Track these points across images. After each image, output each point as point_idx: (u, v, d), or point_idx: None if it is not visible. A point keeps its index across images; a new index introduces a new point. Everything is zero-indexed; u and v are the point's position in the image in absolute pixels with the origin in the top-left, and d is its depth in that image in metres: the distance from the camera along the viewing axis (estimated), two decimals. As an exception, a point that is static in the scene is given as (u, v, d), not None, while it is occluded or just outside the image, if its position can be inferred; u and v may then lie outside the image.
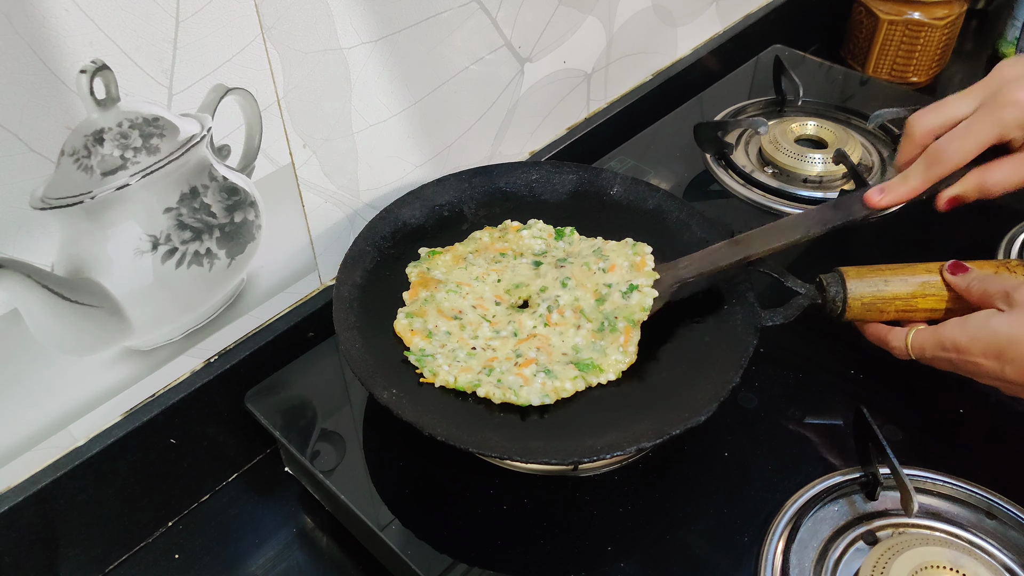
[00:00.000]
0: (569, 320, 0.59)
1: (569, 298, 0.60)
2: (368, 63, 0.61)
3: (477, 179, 0.71)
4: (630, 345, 0.57)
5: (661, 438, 0.50)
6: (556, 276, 0.62)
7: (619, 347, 0.57)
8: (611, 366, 0.56)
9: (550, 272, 0.62)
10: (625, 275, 0.61)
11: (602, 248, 0.63)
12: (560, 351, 0.57)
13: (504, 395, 0.54)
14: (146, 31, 0.47)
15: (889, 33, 1.03)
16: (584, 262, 0.62)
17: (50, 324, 0.50)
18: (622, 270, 0.61)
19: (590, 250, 0.64)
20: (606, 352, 0.57)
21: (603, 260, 0.62)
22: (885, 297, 0.58)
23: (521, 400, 0.54)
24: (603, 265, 0.62)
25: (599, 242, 0.65)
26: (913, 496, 0.50)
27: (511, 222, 0.68)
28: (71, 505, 0.56)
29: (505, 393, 0.54)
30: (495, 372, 0.55)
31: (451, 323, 0.59)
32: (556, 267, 0.63)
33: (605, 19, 0.82)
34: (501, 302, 0.62)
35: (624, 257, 0.62)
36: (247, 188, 0.58)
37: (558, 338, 0.58)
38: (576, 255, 0.64)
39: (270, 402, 0.61)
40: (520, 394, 0.54)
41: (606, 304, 0.59)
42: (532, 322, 0.59)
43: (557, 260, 0.63)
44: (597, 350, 0.57)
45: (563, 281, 0.61)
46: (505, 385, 0.54)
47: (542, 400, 0.54)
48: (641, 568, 0.51)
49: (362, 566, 0.60)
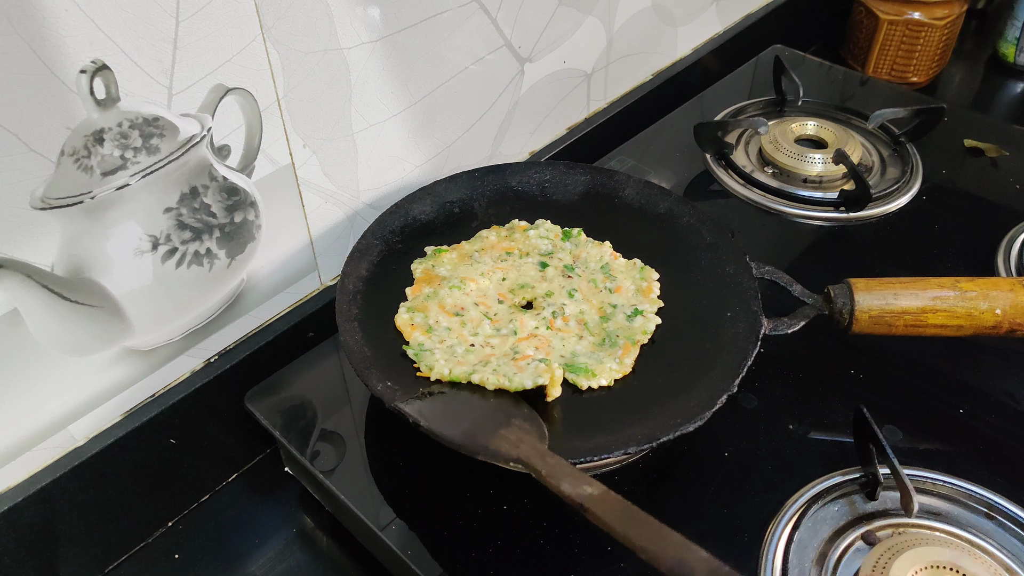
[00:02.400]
0: (572, 329, 0.59)
1: (575, 309, 0.61)
2: (368, 63, 0.61)
3: (489, 177, 0.71)
4: (627, 358, 0.57)
5: (651, 443, 0.50)
6: (563, 285, 0.62)
7: (616, 359, 0.57)
8: (605, 373, 0.56)
9: (557, 279, 0.63)
10: (631, 299, 0.61)
11: (610, 266, 0.64)
12: (559, 353, 0.58)
13: (498, 380, 0.54)
14: (146, 31, 0.47)
15: (889, 33, 1.03)
16: (591, 278, 0.63)
17: (50, 324, 0.50)
18: (628, 293, 0.62)
19: (598, 265, 0.64)
20: (602, 361, 0.57)
21: (610, 280, 0.63)
22: (894, 311, 0.57)
23: (514, 385, 0.53)
24: (610, 285, 0.62)
25: (607, 255, 0.65)
26: (913, 496, 0.50)
27: (518, 221, 0.68)
28: (71, 505, 0.56)
29: (499, 379, 0.54)
30: (491, 365, 0.55)
31: (452, 319, 0.59)
32: (563, 276, 0.63)
33: (605, 19, 0.82)
34: (504, 300, 0.62)
35: (631, 280, 0.63)
36: (247, 188, 0.58)
37: (559, 342, 0.58)
38: (583, 266, 0.64)
39: (270, 402, 0.61)
40: (513, 380, 0.54)
41: (610, 322, 0.60)
42: (535, 323, 0.59)
43: (564, 267, 0.64)
44: (594, 359, 0.57)
45: (570, 292, 0.62)
46: (501, 372, 0.54)
47: (535, 381, 0.53)
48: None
49: (362, 566, 0.60)
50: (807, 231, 0.77)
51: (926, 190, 0.79)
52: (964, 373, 0.63)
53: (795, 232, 0.77)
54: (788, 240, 0.76)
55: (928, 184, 0.80)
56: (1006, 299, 0.57)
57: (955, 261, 0.72)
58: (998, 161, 0.83)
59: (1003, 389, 0.62)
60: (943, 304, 0.57)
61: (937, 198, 0.79)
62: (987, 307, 0.57)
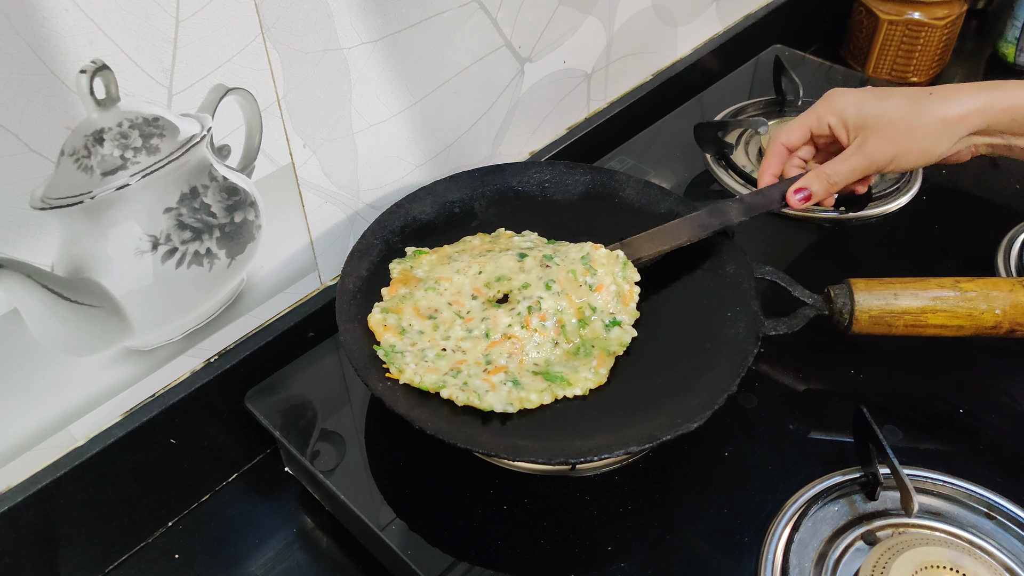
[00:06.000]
0: (549, 331, 0.58)
1: (551, 306, 0.58)
2: (368, 63, 0.61)
3: (489, 177, 0.71)
4: (602, 368, 0.57)
5: (651, 443, 0.50)
6: (540, 276, 0.60)
7: (591, 368, 0.56)
8: (580, 383, 0.55)
9: (535, 269, 0.60)
10: (610, 303, 0.60)
11: (591, 257, 0.61)
12: (532, 361, 0.57)
13: (468, 398, 0.53)
14: (146, 31, 0.47)
15: (889, 33, 1.03)
16: (571, 269, 0.60)
17: (50, 324, 0.50)
18: (608, 295, 0.60)
19: (578, 255, 0.61)
20: (577, 370, 0.56)
21: (591, 274, 0.60)
22: (894, 311, 0.57)
23: (484, 405, 0.53)
24: (590, 281, 0.60)
25: (588, 247, 0.62)
26: (913, 496, 0.50)
27: (504, 230, 0.67)
28: (71, 505, 0.56)
29: (469, 396, 0.53)
30: (462, 375, 0.55)
31: (425, 323, 0.58)
32: (541, 265, 0.61)
33: (605, 19, 0.82)
34: (479, 296, 0.60)
35: (611, 277, 0.61)
36: (247, 188, 0.58)
37: (533, 347, 0.57)
38: (563, 256, 0.62)
39: (270, 402, 0.61)
40: (484, 399, 0.53)
41: (586, 329, 0.59)
42: (508, 319, 0.57)
43: (543, 256, 0.61)
44: (568, 367, 0.56)
45: (547, 283, 0.59)
46: (471, 388, 0.54)
47: (504, 408, 0.53)
48: (641, 568, 0.51)
49: (362, 566, 0.60)
50: (807, 231, 0.77)
51: (926, 190, 0.79)
52: (964, 373, 0.63)
53: (795, 232, 0.77)
54: (788, 240, 0.76)
55: (928, 184, 0.80)
56: (1006, 299, 0.57)
57: (955, 261, 0.72)
58: (998, 161, 0.83)
59: (1003, 389, 0.62)
60: (943, 304, 0.57)
61: (937, 198, 0.79)
62: (987, 307, 0.57)
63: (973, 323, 0.57)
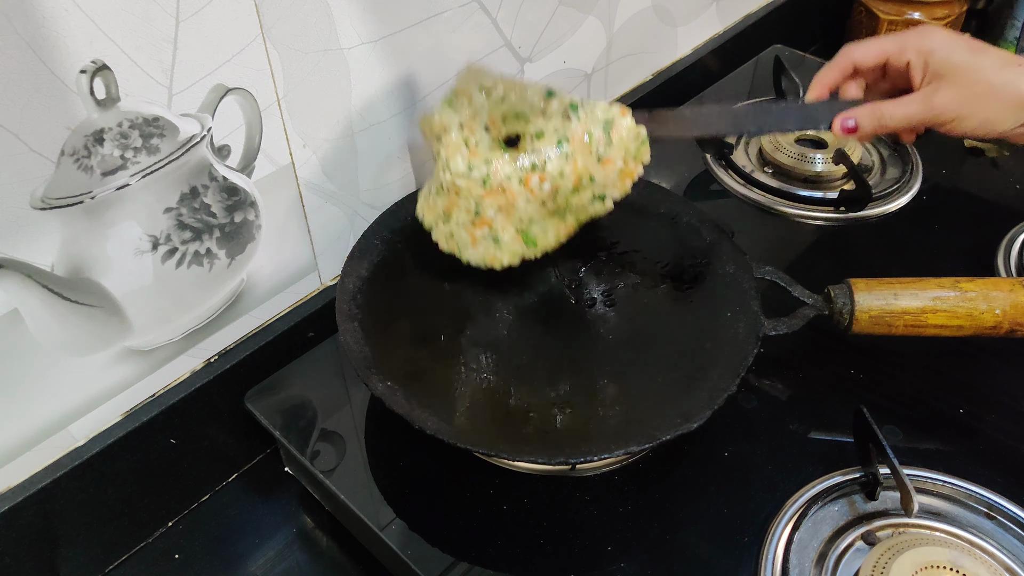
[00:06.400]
0: (542, 192, 0.57)
1: (555, 168, 0.57)
2: (368, 63, 0.61)
3: None
4: (564, 237, 0.60)
5: (651, 443, 0.50)
6: (556, 128, 0.57)
7: (555, 234, 0.60)
8: (540, 248, 0.60)
9: (555, 118, 0.58)
10: (610, 179, 0.58)
11: (613, 124, 0.58)
12: (518, 216, 0.58)
13: (450, 248, 0.59)
14: (146, 31, 0.47)
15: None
16: (589, 130, 0.57)
17: (50, 324, 0.50)
18: (612, 170, 0.58)
19: (603, 117, 0.58)
20: (546, 231, 0.59)
21: (606, 143, 0.57)
22: (894, 311, 0.57)
23: (463, 258, 0.59)
24: (601, 152, 0.58)
25: (615, 110, 0.59)
26: (913, 496, 0.50)
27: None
28: (71, 505, 0.56)
29: (451, 247, 0.59)
30: (452, 220, 0.58)
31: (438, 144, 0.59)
32: (563, 115, 0.58)
33: (605, 19, 0.82)
34: (492, 127, 0.58)
35: (622, 153, 0.58)
36: (247, 188, 0.58)
37: (523, 203, 0.57)
38: (588, 112, 0.58)
39: (270, 402, 0.61)
40: (464, 253, 0.59)
41: (575, 197, 0.58)
42: (509, 171, 0.56)
43: (570, 104, 0.58)
44: (543, 228, 0.59)
45: (560, 140, 0.57)
46: (455, 240, 0.59)
47: (478, 263, 0.59)
48: (641, 568, 0.51)
49: (362, 566, 0.60)
50: (807, 231, 0.77)
51: (926, 190, 0.79)
52: (964, 373, 0.63)
53: (795, 232, 0.77)
54: (788, 240, 0.76)
55: (928, 184, 0.80)
56: (1006, 299, 0.57)
57: (955, 261, 0.72)
58: (998, 161, 0.84)
59: (1003, 389, 0.62)
60: (943, 304, 0.57)
61: (937, 198, 0.79)
62: (987, 307, 0.57)
63: (973, 323, 0.57)
